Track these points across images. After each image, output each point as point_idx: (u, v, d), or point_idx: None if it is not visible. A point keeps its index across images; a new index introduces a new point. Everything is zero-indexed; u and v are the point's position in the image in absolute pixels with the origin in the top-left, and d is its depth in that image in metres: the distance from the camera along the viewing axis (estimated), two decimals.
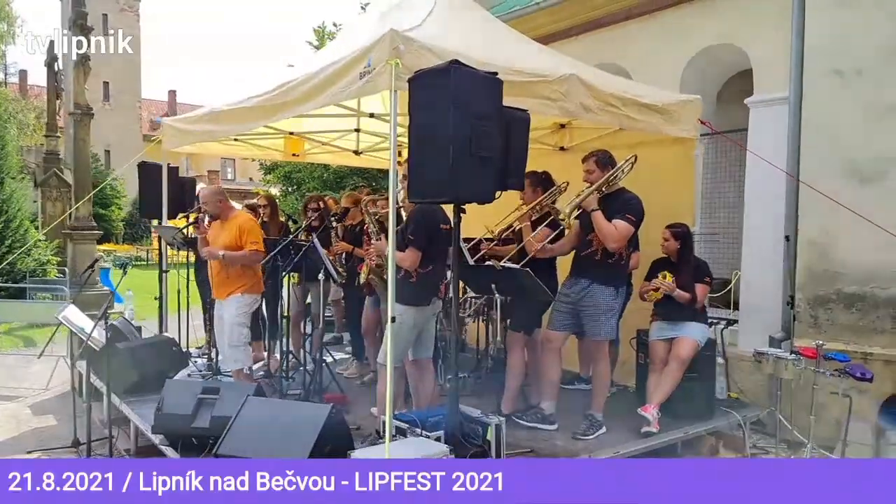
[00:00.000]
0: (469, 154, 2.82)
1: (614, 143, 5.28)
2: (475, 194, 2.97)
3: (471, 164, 2.85)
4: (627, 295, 4.99)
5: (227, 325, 4.65)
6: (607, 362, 4.36)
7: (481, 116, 2.86)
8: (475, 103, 2.85)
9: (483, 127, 2.87)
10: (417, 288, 3.76)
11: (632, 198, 4.21)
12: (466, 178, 2.86)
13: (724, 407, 4.88)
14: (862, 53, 5.10)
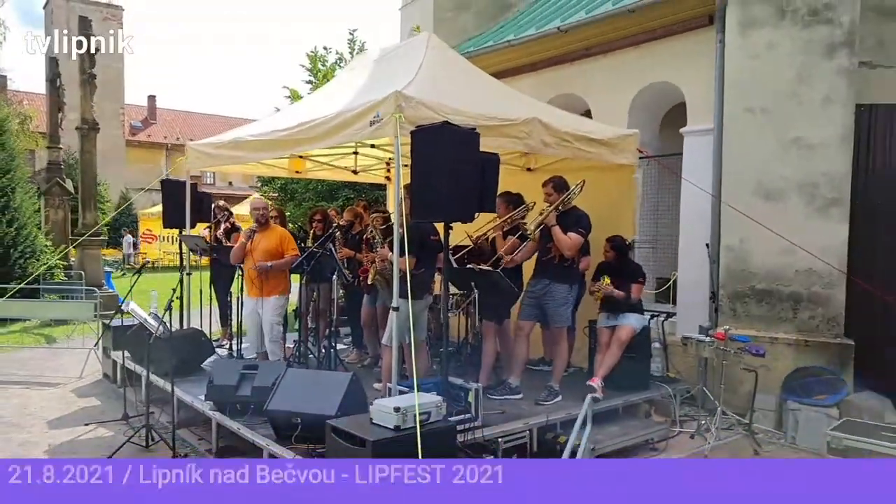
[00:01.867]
0: (455, 186, 3.92)
1: (570, 166, 6.44)
2: (460, 215, 4.07)
3: (456, 194, 3.95)
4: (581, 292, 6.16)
5: (266, 323, 5.70)
6: (565, 344, 5.50)
7: (463, 160, 3.96)
8: (459, 151, 3.94)
9: (465, 167, 3.97)
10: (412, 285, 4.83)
11: (583, 215, 5.35)
12: (453, 203, 3.96)
13: (659, 382, 6.04)
14: (768, 95, 6.30)
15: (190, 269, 7.44)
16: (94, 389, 7.10)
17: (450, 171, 3.92)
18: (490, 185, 4.28)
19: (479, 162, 4.12)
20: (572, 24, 7.57)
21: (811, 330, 6.19)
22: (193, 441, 5.41)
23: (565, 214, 5.36)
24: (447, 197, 3.94)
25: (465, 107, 4.88)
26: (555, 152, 5.56)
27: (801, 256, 6.02)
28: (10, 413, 6.17)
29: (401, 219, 4.45)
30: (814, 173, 6.16)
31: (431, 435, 3.68)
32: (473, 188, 4.06)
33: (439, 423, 3.77)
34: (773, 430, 5.92)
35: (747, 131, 6.41)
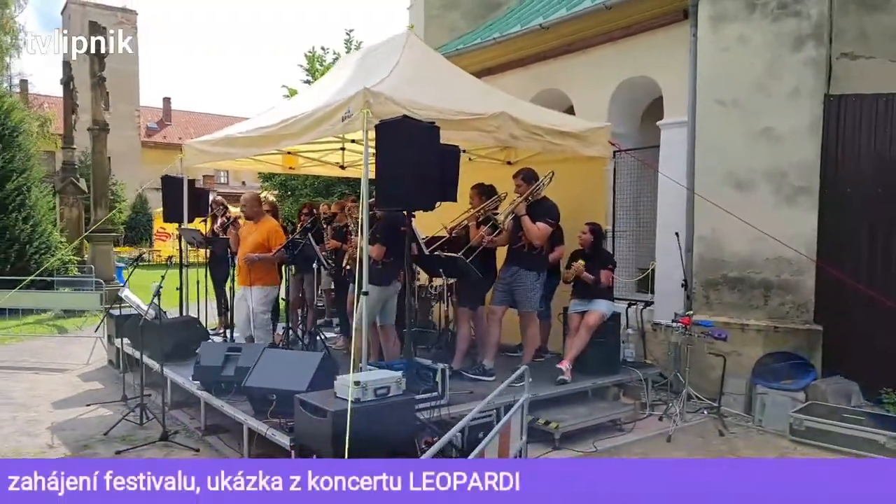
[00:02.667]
0: (416, 177, 4.20)
1: (546, 158, 6.68)
2: (421, 204, 4.35)
3: (417, 184, 4.22)
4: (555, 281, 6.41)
5: (254, 312, 6.03)
6: (535, 329, 5.75)
7: (423, 152, 4.23)
8: (419, 143, 4.22)
9: (425, 159, 4.24)
10: (382, 273, 5.15)
11: (551, 206, 5.60)
12: (415, 193, 4.24)
13: (631, 367, 6.26)
14: (738, 87, 6.48)
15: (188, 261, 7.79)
16: (99, 374, 7.49)
17: (411, 162, 4.20)
18: (450, 176, 4.55)
19: (439, 154, 4.39)
20: (554, 20, 7.81)
21: (781, 316, 6.38)
22: (185, 420, 5.74)
23: (535, 205, 5.61)
24: (409, 187, 4.22)
25: (436, 102, 5.15)
26: (525, 145, 5.81)
27: (771, 245, 6.18)
28: (19, 395, 6.57)
29: (370, 210, 4.75)
30: (782, 163, 6.34)
31: (390, 407, 3.97)
32: (434, 178, 4.34)
33: (399, 397, 4.04)
34: (741, 414, 6.12)
35: (719, 123, 6.60)
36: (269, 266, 6.00)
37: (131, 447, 5.04)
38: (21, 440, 5.24)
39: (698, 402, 6.08)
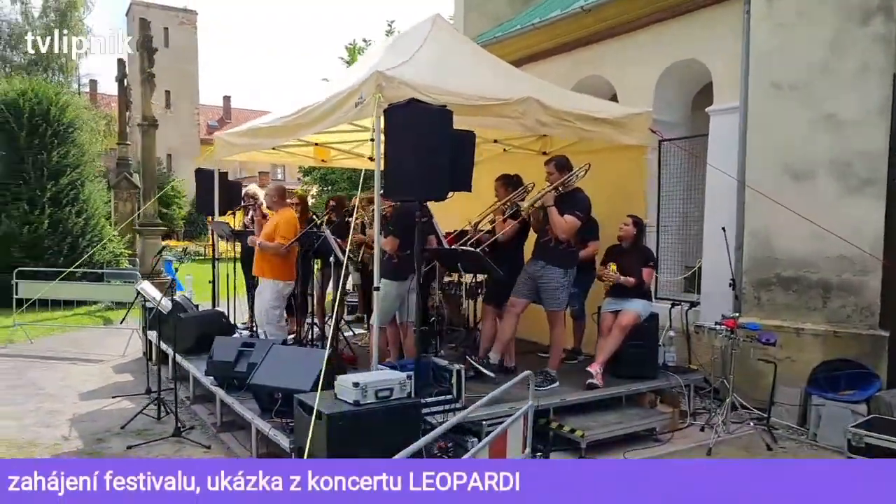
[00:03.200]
0: (426, 164, 3.91)
1: (583, 148, 6.30)
2: (431, 193, 4.06)
3: (425, 172, 3.94)
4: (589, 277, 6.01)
5: (264, 307, 5.87)
6: (562, 328, 5.36)
7: (434, 138, 3.94)
8: (428, 128, 3.93)
9: (436, 145, 3.95)
10: (398, 267, 4.88)
11: (583, 197, 5.21)
12: (424, 181, 3.95)
13: (672, 372, 5.80)
14: (796, 67, 5.92)
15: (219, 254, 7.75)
16: (132, 366, 7.53)
17: (420, 148, 3.92)
18: (464, 164, 4.24)
19: (452, 140, 4.08)
20: (595, 3, 7.36)
21: (842, 320, 5.79)
22: (204, 415, 5.64)
23: (566, 196, 5.23)
24: (418, 175, 3.94)
25: (457, 87, 4.84)
26: (555, 132, 5.45)
27: (831, 241, 5.61)
28: (50, 385, 6.64)
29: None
30: (846, 151, 5.75)
31: (392, 411, 3.71)
32: (446, 166, 4.04)
33: (403, 400, 3.77)
34: (794, 427, 5.59)
35: (774, 108, 6.06)
36: (281, 259, 5.81)
37: (144, 442, 4.95)
38: (39, 431, 5.24)
39: (745, 412, 5.58)
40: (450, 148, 4.06)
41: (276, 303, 5.86)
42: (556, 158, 5.30)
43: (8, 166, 12.45)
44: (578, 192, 5.32)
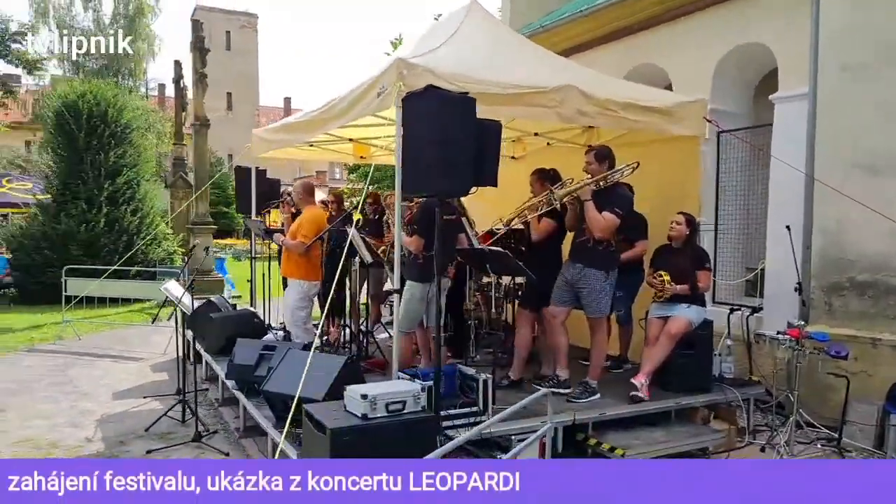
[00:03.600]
0: (445, 157, 3.58)
1: (632, 140, 5.84)
2: (451, 189, 3.73)
3: (444, 165, 3.60)
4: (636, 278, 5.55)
5: (289, 308, 5.67)
6: (604, 335, 4.92)
7: (454, 128, 3.60)
8: (447, 117, 3.60)
9: (457, 135, 3.61)
10: (423, 268, 4.56)
11: (624, 194, 4.77)
12: (441, 176, 3.62)
13: (728, 385, 5.27)
14: (871, 50, 5.29)
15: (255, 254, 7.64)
16: (170, 365, 7.45)
17: (439, 140, 3.59)
18: (489, 156, 3.87)
19: (475, 130, 3.73)
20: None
21: None
22: (230, 418, 5.49)
23: (605, 191, 4.80)
24: (437, 169, 3.61)
25: (489, 75, 4.51)
26: (598, 123, 5.04)
27: None
28: (87, 383, 6.66)
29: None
30: None
31: (404, 426, 3.40)
32: (469, 159, 3.69)
33: (416, 414, 3.46)
34: (869, 449, 4.99)
35: (847, 94, 5.45)
36: (306, 258, 5.58)
37: (164, 446, 4.82)
38: (64, 431, 5.19)
39: (813, 431, 5.03)
40: (473, 139, 3.71)
41: (302, 303, 5.65)
42: (597, 148, 4.88)
43: (69, 166, 12.83)
44: (620, 187, 4.88)
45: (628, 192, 4.85)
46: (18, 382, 6.65)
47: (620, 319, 5.80)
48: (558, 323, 4.93)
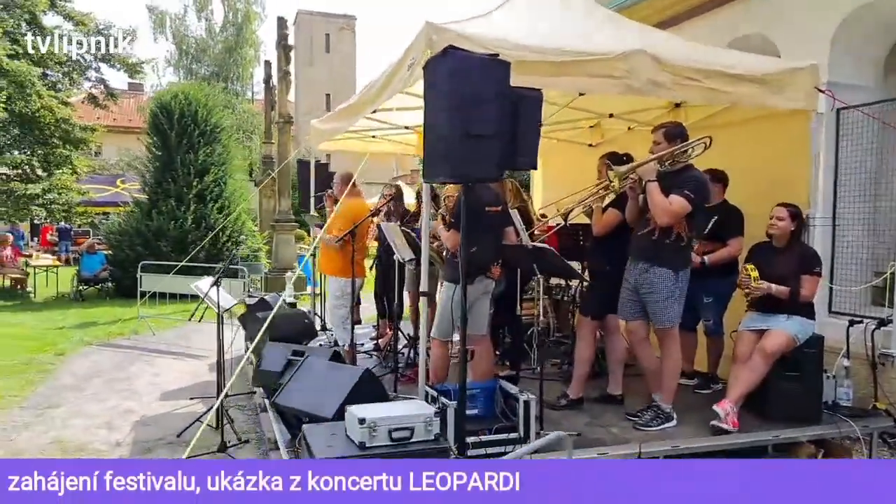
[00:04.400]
0: (470, 132, 2.95)
1: (728, 118, 4.97)
2: (477, 172, 3.07)
3: (467, 143, 2.97)
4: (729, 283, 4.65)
5: (329, 307, 5.23)
6: (677, 350, 4.09)
7: (477, 96, 2.97)
8: (471, 84, 2.96)
9: (485, 107, 2.97)
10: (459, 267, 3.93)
11: (697, 176, 3.93)
12: (464, 157, 2.99)
13: (843, 415, 4.28)
14: None
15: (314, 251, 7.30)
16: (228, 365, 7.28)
17: (460, 112, 2.97)
18: (528, 132, 3.19)
19: (508, 99, 3.08)
20: None
21: None
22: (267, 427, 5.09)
23: (674, 173, 3.99)
24: (458, 148, 2.98)
25: (538, 41, 3.83)
26: (673, 95, 4.20)
27: None
28: (139, 382, 6.55)
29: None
30: None
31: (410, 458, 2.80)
32: (499, 135, 3.05)
33: (426, 443, 2.86)
34: None
35: None
36: (340, 253, 5.11)
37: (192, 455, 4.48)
38: (98, 433, 5.00)
39: None
40: (505, 111, 3.05)
41: (339, 301, 5.20)
42: (668, 126, 4.06)
43: (162, 165, 13.22)
44: (691, 170, 4.04)
45: (702, 174, 3.99)
46: (80, 378, 6.65)
47: (709, 330, 4.91)
48: (639, 339, 4.14)
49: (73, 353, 7.74)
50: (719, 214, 4.75)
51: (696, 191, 3.83)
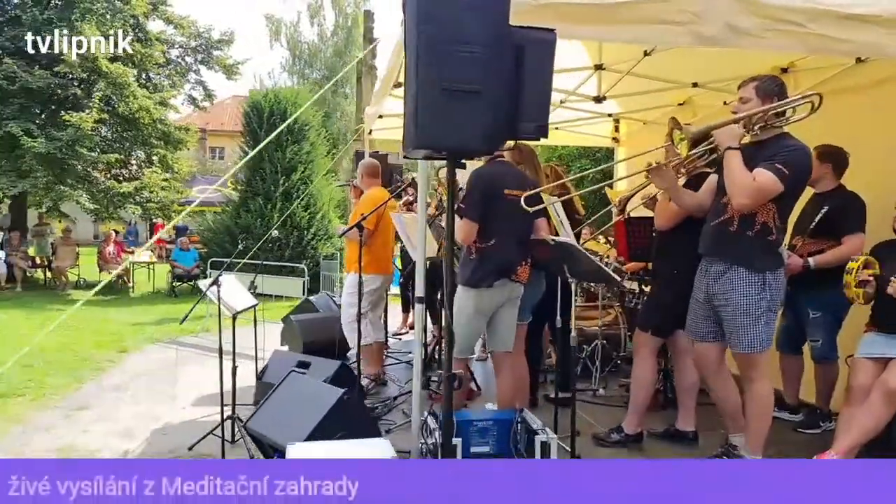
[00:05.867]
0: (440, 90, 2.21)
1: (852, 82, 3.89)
2: (466, 143, 2.32)
3: (444, 104, 2.23)
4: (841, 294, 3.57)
5: (342, 305, 4.66)
6: (765, 386, 3.09)
7: (459, 37, 2.22)
8: (450, 21, 2.22)
9: (462, 52, 2.22)
10: (478, 266, 3.17)
11: (794, 146, 2.93)
12: (438, 123, 2.25)
13: None
14: None
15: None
16: None
17: (434, 58, 2.23)
18: (535, 86, 2.38)
19: (507, 43, 2.30)
20: None
21: None
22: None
23: (764, 143, 3.01)
24: (432, 109, 2.25)
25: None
26: (762, 44, 3.17)
27: None
28: (183, 383, 6.29)
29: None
30: None
31: None
32: (491, 92, 2.28)
33: None
34: None
35: None
36: (365, 248, 4.50)
37: None
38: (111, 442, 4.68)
39: None
40: (502, 59, 2.28)
41: (353, 300, 4.60)
42: (762, 80, 3.07)
43: (253, 164, 13.34)
44: (786, 137, 3.02)
45: (803, 146, 2.97)
46: (128, 377, 6.51)
47: (818, 354, 3.85)
48: (713, 369, 3.20)
49: (135, 351, 7.70)
50: (832, 204, 3.70)
51: (791, 164, 2.83)
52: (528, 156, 3.76)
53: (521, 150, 3.80)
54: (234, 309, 4.48)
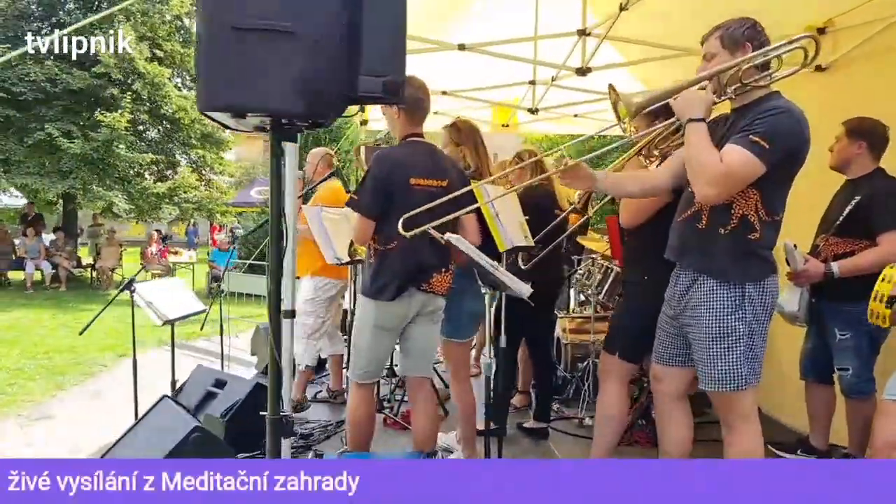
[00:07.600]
0: (233, 28, 1.62)
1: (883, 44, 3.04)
2: (260, 102, 1.69)
3: (244, 48, 1.63)
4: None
5: (299, 313, 4.08)
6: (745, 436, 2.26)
7: None
8: None
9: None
10: (377, 274, 2.54)
11: (775, 107, 2.12)
12: (236, 72, 1.65)
13: None
14: None
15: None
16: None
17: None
18: (381, 26, 1.74)
19: None
20: None
21: None
22: None
23: (743, 109, 2.23)
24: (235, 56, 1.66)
25: None
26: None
27: None
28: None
29: None
30: None
31: None
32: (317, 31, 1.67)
33: None
34: None
35: None
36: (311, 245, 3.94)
37: None
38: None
39: None
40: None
41: (308, 307, 4.06)
42: (725, 26, 2.27)
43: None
44: (773, 97, 2.21)
45: (795, 110, 2.15)
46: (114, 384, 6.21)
47: (847, 385, 3.00)
48: (665, 393, 2.47)
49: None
50: (866, 192, 2.87)
51: (772, 133, 2.04)
52: (467, 135, 3.12)
53: (458, 127, 3.17)
54: (165, 316, 4.01)
